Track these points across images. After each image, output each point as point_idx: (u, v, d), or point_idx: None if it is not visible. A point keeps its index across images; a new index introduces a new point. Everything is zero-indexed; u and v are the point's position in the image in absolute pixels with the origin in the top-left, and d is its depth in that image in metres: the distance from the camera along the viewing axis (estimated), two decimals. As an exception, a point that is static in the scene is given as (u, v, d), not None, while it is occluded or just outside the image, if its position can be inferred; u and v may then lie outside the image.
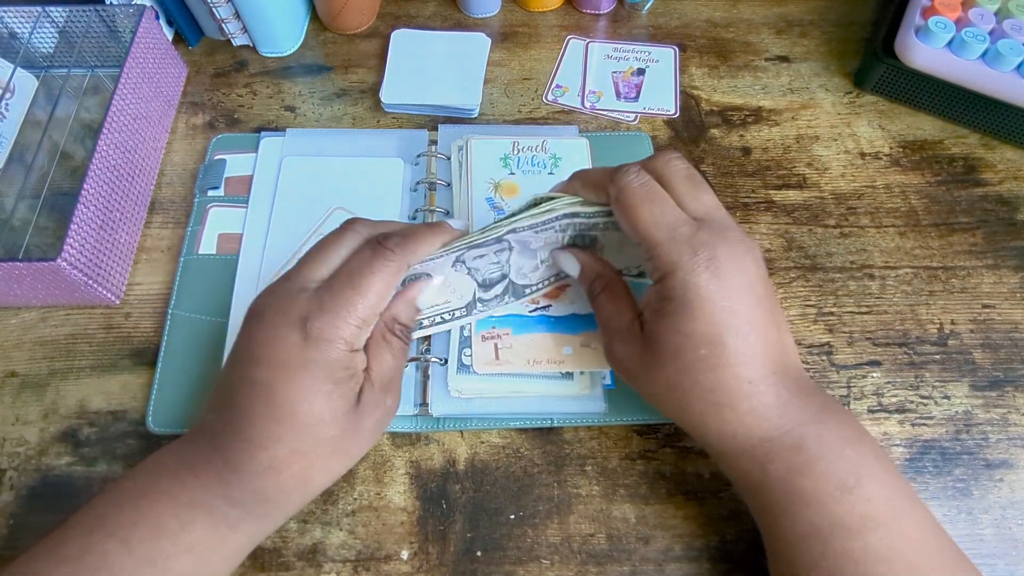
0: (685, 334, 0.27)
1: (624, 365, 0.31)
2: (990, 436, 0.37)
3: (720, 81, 0.51)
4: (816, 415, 0.28)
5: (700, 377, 0.28)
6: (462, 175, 0.43)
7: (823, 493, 0.27)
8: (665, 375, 0.29)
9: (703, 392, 0.28)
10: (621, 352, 0.31)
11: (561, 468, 0.36)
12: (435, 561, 0.34)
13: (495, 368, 0.36)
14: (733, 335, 0.27)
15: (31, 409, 0.38)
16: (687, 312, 0.27)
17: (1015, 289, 0.42)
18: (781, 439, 0.27)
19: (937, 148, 0.47)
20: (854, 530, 0.26)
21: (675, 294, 0.28)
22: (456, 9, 0.55)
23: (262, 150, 0.45)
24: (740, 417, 0.28)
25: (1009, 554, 0.34)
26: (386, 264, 0.29)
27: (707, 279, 0.27)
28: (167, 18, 0.51)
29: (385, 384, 0.30)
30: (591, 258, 0.34)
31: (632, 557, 0.34)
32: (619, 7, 0.55)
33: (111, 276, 0.40)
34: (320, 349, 0.27)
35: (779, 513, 0.28)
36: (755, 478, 0.28)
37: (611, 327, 0.32)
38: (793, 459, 0.27)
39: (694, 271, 0.27)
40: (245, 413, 0.27)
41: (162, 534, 0.26)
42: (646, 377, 0.30)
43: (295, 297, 0.28)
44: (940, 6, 0.46)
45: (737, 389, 0.27)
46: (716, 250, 0.27)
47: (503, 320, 0.38)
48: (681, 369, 0.28)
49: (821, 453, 0.27)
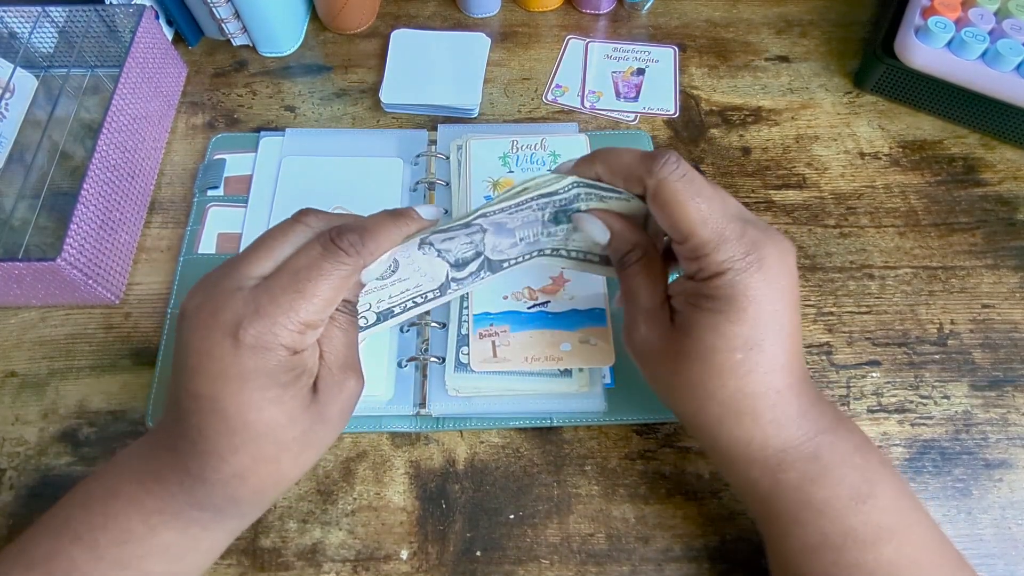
0: (724, 335, 0.26)
1: (642, 349, 0.29)
2: (990, 436, 0.37)
3: (720, 81, 0.51)
4: (829, 424, 0.27)
5: (729, 381, 0.26)
6: (461, 174, 0.43)
7: (837, 503, 0.26)
8: (689, 372, 0.27)
9: (727, 396, 0.26)
10: (643, 334, 0.29)
11: (561, 468, 0.36)
12: (435, 561, 0.34)
13: (493, 366, 0.36)
14: (772, 342, 0.26)
15: (31, 409, 0.38)
16: (732, 313, 0.26)
17: (1015, 289, 0.42)
18: (797, 449, 0.27)
19: (937, 148, 0.47)
20: (868, 541, 0.26)
21: (721, 293, 0.26)
22: (456, 9, 0.55)
23: (262, 150, 0.45)
24: (760, 425, 0.27)
25: (1009, 554, 0.34)
26: (337, 266, 0.26)
27: (757, 281, 0.26)
28: (167, 18, 0.51)
29: (342, 364, 0.28)
30: (625, 224, 0.31)
31: (632, 557, 0.34)
32: (619, 7, 0.55)
33: (111, 276, 0.40)
34: (257, 358, 0.24)
35: (789, 523, 0.27)
36: (764, 487, 0.27)
37: (638, 303, 0.30)
38: (808, 469, 0.26)
39: (745, 272, 0.26)
40: (198, 427, 0.25)
41: (131, 538, 0.26)
42: (664, 367, 0.28)
43: (230, 297, 0.25)
44: (940, 6, 0.46)
45: (764, 397, 0.26)
46: (764, 250, 0.26)
47: (501, 317, 0.38)
48: (709, 369, 0.26)
49: (835, 462, 0.27)
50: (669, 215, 0.27)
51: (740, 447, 0.27)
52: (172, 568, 0.27)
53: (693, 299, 0.27)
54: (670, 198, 0.27)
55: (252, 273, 0.26)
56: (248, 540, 0.34)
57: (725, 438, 0.27)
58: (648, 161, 0.27)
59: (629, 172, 0.28)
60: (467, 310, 0.38)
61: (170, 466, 0.26)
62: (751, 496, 0.29)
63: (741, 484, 0.29)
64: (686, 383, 0.27)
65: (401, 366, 0.38)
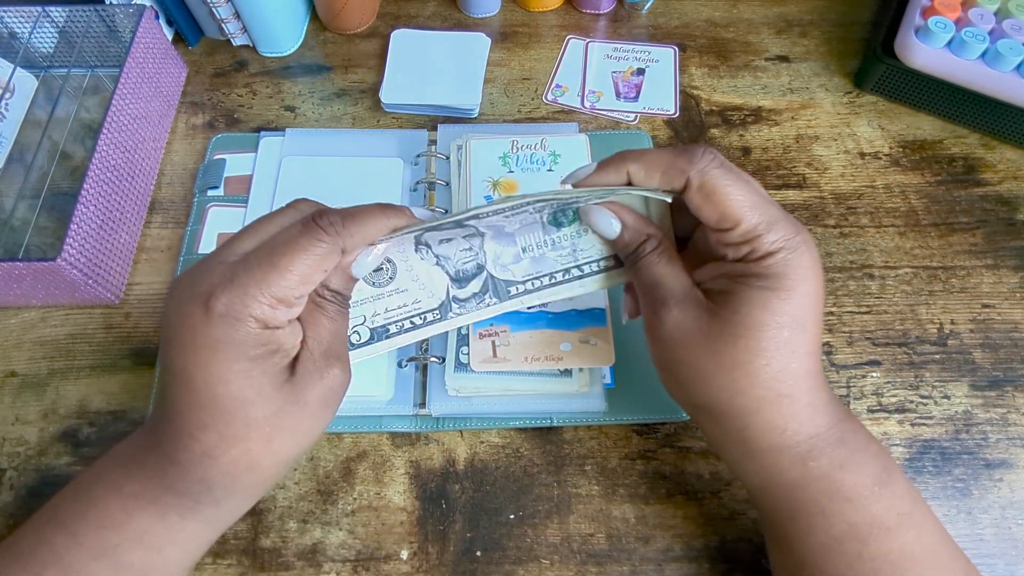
0: (774, 312, 0.26)
1: (676, 334, 0.28)
2: (990, 436, 0.37)
3: (720, 81, 0.51)
4: (846, 412, 0.28)
5: (774, 359, 0.26)
6: (461, 174, 0.43)
7: (863, 488, 0.26)
8: (731, 352, 0.26)
9: (769, 377, 0.26)
10: (677, 319, 0.28)
11: (561, 468, 0.36)
12: (435, 561, 0.34)
13: (493, 366, 0.36)
14: (813, 323, 0.26)
15: (31, 409, 0.38)
16: (782, 291, 0.26)
17: (1015, 289, 0.42)
18: (827, 434, 0.27)
19: (937, 148, 0.47)
20: (892, 528, 0.26)
21: (773, 271, 0.26)
22: (456, 9, 0.55)
23: (262, 150, 0.45)
24: (797, 409, 0.26)
25: (1009, 554, 0.34)
26: (314, 243, 0.26)
27: (801, 263, 0.26)
28: (167, 18, 0.51)
29: (326, 351, 0.27)
30: (636, 216, 0.30)
31: (632, 557, 0.34)
32: (619, 7, 0.55)
33: (111, 276, 0.40)
34: (226, 327, 0.24)
35: (815, 514, 0.27)
36: (791, 477, 0.27)
37: (664, 291, 0.29)
38: (836, 454, 0.27)
39: (796, 251, 0.26)
40: (172, 402, 0.25)
41: (108, 524, 0.26)
42: (701, 351, 0.27)
43: (209, 270, 0.25)
44: (940, 6, 0.46)
45: (804, 379, 0.26)
46: (803, 235, 0.27)
47: (501, 317, 0.37)
48: (754, 348, 0.26)
49: (858, 448, 0.27)
50: (717, 203, 0.27)
51: (774, 434, 0.27)
52: (150, 559, 0.26)
53: (740, 276, 0.27)
54: (717, 187, 0.27)
55: (236, 250, 0.26)
56: (248, 540, 0.34)
57: (763, 424, 0.27)
58: (686, 154, 0.27)
59: (669, 166, 0.28)
60: (467, 310, 0.38)
61: (148, 448, 0.26)
62: (773, 491, 0.28)
63: (764, 478, 0.28)
64: (727, 364, 0.27)
65: (401, 366, 0.38)
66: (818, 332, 0.27)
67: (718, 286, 0.28)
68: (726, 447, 0.29)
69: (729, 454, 0.29)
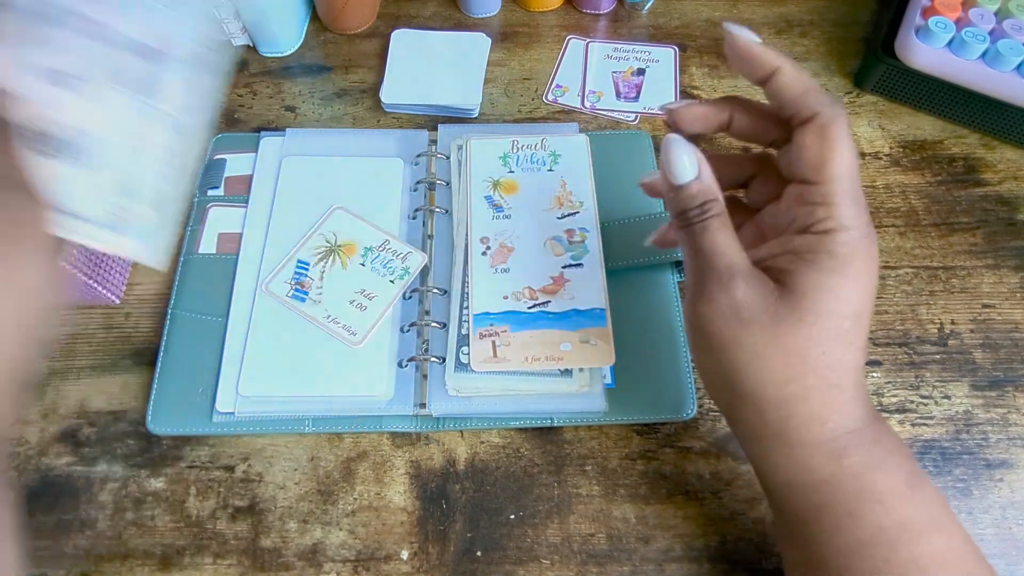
0: (840, 299, 0.25)
1: (742, 312, 0.26)
2: (990, 436, 0.37)
3: (720, 81, 0.51)
4: (878, 413, 0.28)
5: (832, 349, 0.25)
6: (461, 174, 0.43)
7: (895, 490, 0.26)
8: (793, 336, 0.25)
9: (824, 367, 0.25)
10: (744, 294, 0.26)
11: (561, 468, 0.36)
12: (435, 561, 0.34)
13: (493, 366, 0.36)
14: (868, 316, 0.26)
15: (31, 409, 0.38)
16: (850, 276, 0.25)
17: (1015, 289, 0.42)
18: (864, 431, 0.26)
19: (937, 148, 0.47)
20: (921, 533, 0.25)
21: (842, 251, 0.25)
22: (456, 9, 0.55)
23: (262, 150, 0.45)
24: (843, 402, 0.26)
25: (1009, 554, 0.34)
26: None
27: (873, 253, 0.26)
28: (167, 18, 0.51)
29: None
30: (709, 167, 0.28)
31: (632, 557, 0.34)
32: (619, 7, 0.55)
33: (111, 276, 0.40)
34: None
35: (842, 515, 0.26)
36: (823, 474, 0.26)
37: (728, 262, 0.27)
38: (871, 453, 0.26)
39: (866, 236, 0.26)
40: None
41: None
42: (764, 332, 0.26)
43: None
44: (940, 6, 0.46)
45: (854, 371, 0.26)
46: (872, 228, 0.26)
47: (501, 317, 0.38)
48: (816, 335, 0.25)
49: (892, 448, 0.27)
50: (828, 150, 0.25)
51: (815, 426, 0.26)
52: None
53: (808, 255, 0.26)
54: (838, 134, 0.25)
55: None
56: (248, 540, 0.34)
57: (804, 414, 0.26)
58: (829, 95, 0.27)
59: (813, 89, 0.26)
60: (467, 310, 0.38)
61: None
62: (800, 489, 0.27)
63: (793, 475, 0.27)
64: (786, 349, 0.26)
65: (401, 366, 0.38)
66: (868, 327, 0.26)
67: (782, 264, 0.27)
68: (760, 439, 0.28)
69: (760, 447, 0.28)
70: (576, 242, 0.40)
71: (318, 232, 0.41)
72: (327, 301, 0.39)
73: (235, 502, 0.35)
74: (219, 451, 0.37)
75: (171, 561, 0.34)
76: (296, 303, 0.39)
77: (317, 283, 0.40)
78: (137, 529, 0.35)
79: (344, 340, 0.38)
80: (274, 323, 0.38)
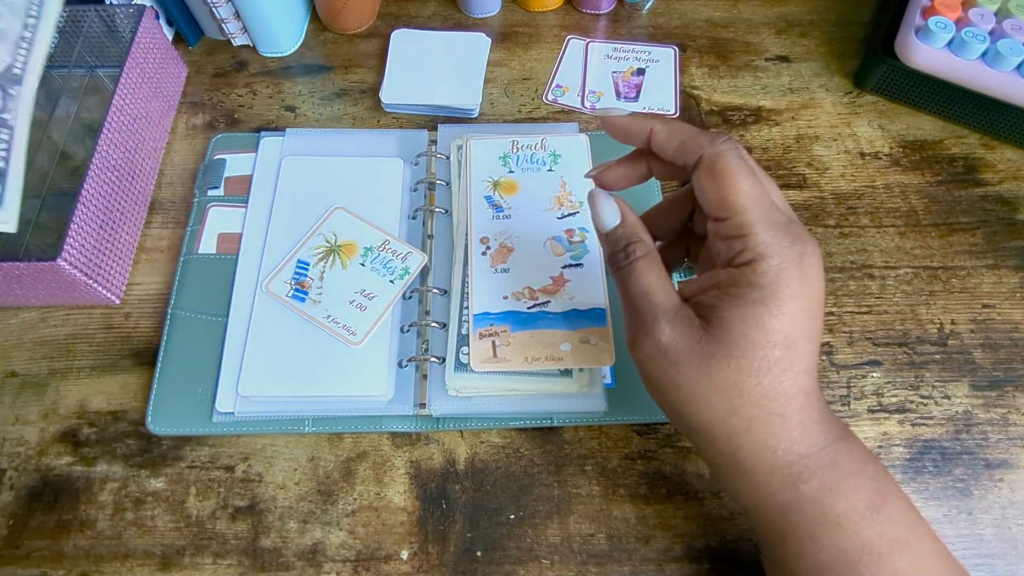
0: (765, 330, 0.25)
1: (669, 354, 0.27)
2: (990, 436, 0.37)
3: (720, 81, 0.51)
4: (841, 431, 0.27)
5: (765, 379, 0.25)
6: (461, 174, 0.43)
7: (854, 513, 0.26)
8: (724, 371, 0.26)
9: (760, 397, 0.26)
10: (668, 337, 0.27)
11: (561, 468, 0.36)
12: (435, 561, 0.34)
13: (493, 366, 0.36)
14: (806, 340, 0.26)
15: (31, 409, 0.38)
16: (774, 305, 0.25)
17: (1015, 289, 0.42)
18: (819, 455, 0.26)
19: (937, 148, 0.47)
20: (884, 554, 0.25)
21: (763, 281, 0.25)
22: (456, 9, 0.55)
23: (262, 150, 0.45)
24: (788, 429, 0.26)
25: (1009, 554, 0.34)
26: None
27: (799, 274, 0.25)
28: (167, 18, 0.51)
29: None
30: (636, 217, 0.30)
31: (632, 557, 0.34)
32: (619, 7, 0.55)
33: (111, 276, 0.40)
34: None
35: (804, 539, 0.26)
36: (782, 500, 0.26)
37: (655, 303, 0.27)
38: (827, 477, 0.26)
39: (789, 261, 0.25)
40: None
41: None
42: (696, 371, 0.26)
43: None
44: (940, 6, 0.46)
45: (795, 398, 0.26)
46: (807, 246, 0.26)
47: (501, 317, 0.38)
48: (746, 368, 0.25)
49: (852, 470, 0.26)
50: (722, 186, 0.26)
51: (766, 455, 0.26)
52: None
53: (731, 289, 0.26)
54: (726, 169, 0.26)
55: None
56: (248, 540, 0.34)
57: (753, 444, 0.26)
58: (709, 134, 0.28)
59: (690, 137, 0.28)
60: (467, 310, 0.38)
61: None
62: (764, 513, 0.28)
63: (755, 500, 0.28)
64: (719, 385, 0.26)
65: (401, 366, 0.38)
66: (813, 348, 0.26)
67: (708, 300, 0.27)
68: (718, 467, 0.28)
69: (722, 474, 0.28)
70: (576, 242, 0.40)
71: (318, 232, 0.41)
72: (327, 301, 0.39)
73: (235, 502, 0.35)
74: (219, 451, 0.37)
75: (171, 561, 0.34)
76: (296, 303, 0.39)
77: (317, 283, 0.40)
78: (137, 529, 0.35)
79: (344, 340, 0.38)
80: (274, 323, 0.38)
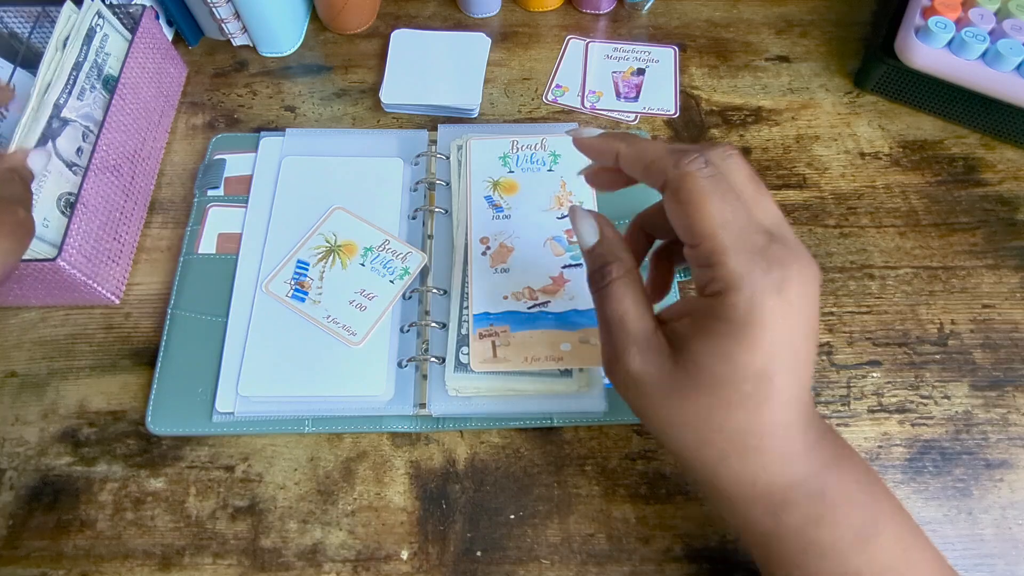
0: (735, 365, 0.23)
1: (639, 383, 0.26)
2: (990, 436, 0.37)
3: (720, 81, 0.51)
4: (833, 459, 0.26)
5: (735, 413, 0.24)
6: (461, 174, 0.43)
7: (842, 545, 0.25)
8: (694, 405, 0.25)
9: (732, 431, 0.24)
10: (638, 367, 0.26)
11: (561, 468, 0.36)
12: (435, 561, 0.34)
13: (493, 366, 0.36)
14: (783, 373, 0.24)
15: (31, 409, 0.38)
16: (744, 339, 0.23)
17: (1015, 289, 0.42)
18: (802, 486, 0.25)
19: (937, 148, 0.47)
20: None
21: (734, 315, 0.23)
22: (456, 9, 0.55)
23: (262, 150, 0.45)
24: (766, 462, 0.25)
25: (1009, 554, 0.34)
26: None
27: (775, 304, 0.23)
28: (167, 18, 0.51)
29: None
30: (616, 234, 0.28)
31: (632, 557, 0.34)
32: (619, 7, 0.55)
33: (111, 276, 0.40)
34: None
35: (791, 567, 0.25)
36: (765, 528, 0.26)
37: (626, 330, 0.26)
38: (811, 508, 0.25)
39: (764, 291, 0.23)
40: None
41: None
42: (666, 403, 0.25)
43: None
44: (940, 6, 0.46)
45: (771, 433, 0.24)
46: (789, 270, 0.23)
47: (501, 317, 0.38)
48: (715, 403, 0.24)
49: (839, 500, 0.25)
50: (686, 212, 0.24)
51: (744, 486, 0.25)
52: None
53: (702, 320, 0.25)
54: (690, 194, 0.24)
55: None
56: (248, 540, 0.34)
57: (729, 476, 0.25)
58: (677, 154, 0.25)
59: (655, 159, 0.26)
60: (467, 310, 0.38)
61: None
62: (751, 538, 0.27)
63: (741, 525, 0.27)
64: (689, 418, 0.25)
65: (401, 366, 0.38)
66: (794, 380, 0.24)
67: (682, 328, 0.26)
68: (701, 490, 0.28)
69: (707, 496, 0.28)
70: (576, 242, 0.40)
71: (318, 232, 0.41)
72: (327, 301, 0.39)
73: (235, 502, 0.35)
74: (219, 451, 0.37)
75: (171, 561, 0.34)
76: (296, 303, 0.39)
77: (317, 283, 0.40)
78: (137, 529, 0.35)
79: (344, 340, 0.38)
80: (274, 323, 0.38)
